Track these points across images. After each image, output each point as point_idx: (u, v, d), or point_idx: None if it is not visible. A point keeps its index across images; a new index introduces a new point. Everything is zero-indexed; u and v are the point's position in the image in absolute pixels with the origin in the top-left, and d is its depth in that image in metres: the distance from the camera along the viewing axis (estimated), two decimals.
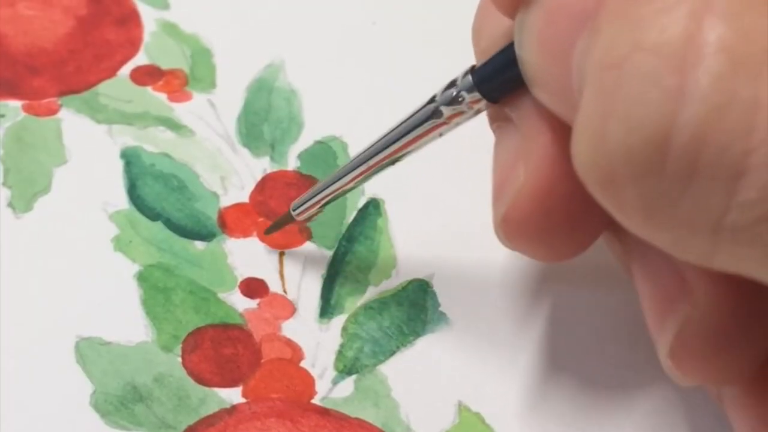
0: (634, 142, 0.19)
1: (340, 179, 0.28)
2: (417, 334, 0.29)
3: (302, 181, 0.32)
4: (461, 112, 0.25)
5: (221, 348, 0.28)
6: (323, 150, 0.32)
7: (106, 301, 0.28)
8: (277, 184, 0.31)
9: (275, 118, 0.33)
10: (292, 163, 0.32)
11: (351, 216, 0.31)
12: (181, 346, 0.28)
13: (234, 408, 0.27)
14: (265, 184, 0.31)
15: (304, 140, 0.33)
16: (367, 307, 0.29)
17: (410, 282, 0.30)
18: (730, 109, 0.18)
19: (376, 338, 0.28)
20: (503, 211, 0.25)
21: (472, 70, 0.25)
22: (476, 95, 0.24)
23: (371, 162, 0.27)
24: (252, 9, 0.36)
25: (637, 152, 0.19)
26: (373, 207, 0.31)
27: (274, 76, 0.34)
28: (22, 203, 0.30)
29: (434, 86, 0.34)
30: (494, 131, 0.26)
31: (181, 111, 0.33)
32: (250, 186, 0.31)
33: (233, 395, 0.27)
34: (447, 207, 0.31)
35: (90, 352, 0.27)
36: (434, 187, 0.32)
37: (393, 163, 0.27)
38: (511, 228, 0.25)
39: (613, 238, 0.25)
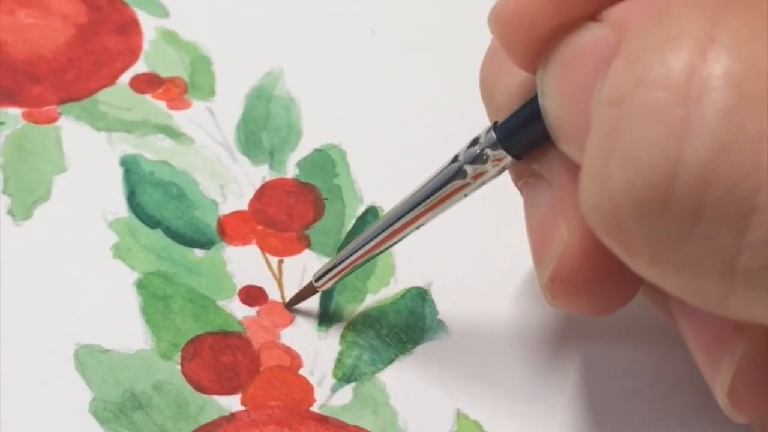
0: (637, 180, 0.18)
1: (362, 247, 0.27)
2: (415, 342, 0.29)
3: (301, 188, 0.32)
4: (485, 171, 0.24)
5: (220, 356, 0.28)
6: (322, 158, 0.33)
7: (106, 309, 0.28)
8: (276, 192, 0.32)
9: (274, 126, 0.33)
10: (291, 171, 0.32)
11: (350, 224, 0.31)
12: (180, 353, 0.28)
13: (233, 416, 0.27)
14: (264, 192, 0.31)
15: (303, 148, 0.33)
16: (366, 315, 0.29)
17: (408, 290, 0.30)
18: (738, 144, 0.17)
19: (374, 346, 0.28)
20: (550, 272, 0.24)
21: (495, 127, 0.24)
22: (501, 152, 0.24)
23: (395, 227, 0.26)
24: (251, 17, 0.36)
25: (641, 191, 0.18)
26: (371, 215, 0.31)
27: (273, 84, 0.34)
28: (21, 211, 0.30)
29: (433, 93, 0.34)
30: (521, 188, 0.25)
31: (180, 119, 0.33)
32: (249, 194, 0.31)
33: (232, 403, 0.27)
34: (445, 215, 0.31)
35: (89, 360, 0.27)
36: None
37: (418, 227, 0.26)
38: (560, 287, 0.24)
39: (650, 287, 0.25)
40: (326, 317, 0.29)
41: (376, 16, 0.37)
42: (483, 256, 0.31)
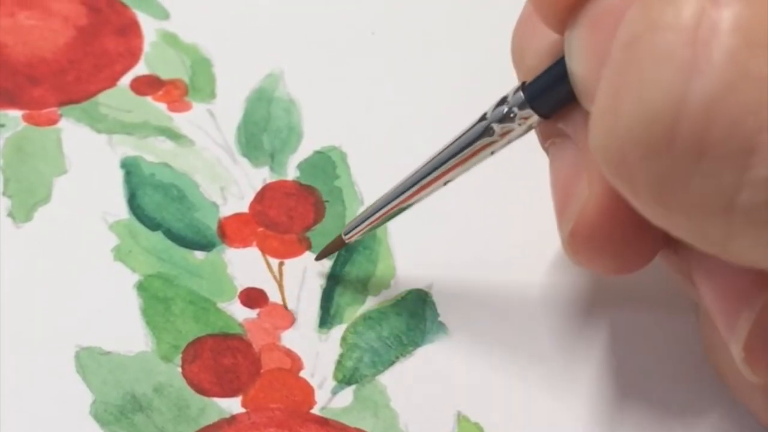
0: (644, 117, 0.19)
1: (391, 201, 0.28)
2: (416, 344, 0.29)
3: (301, 191, 0.32)
4: (512, 129, 0.25)
5: (221, 358, 0.28)
6: (323, 160, 0.33)
7: (106, 311, 0.28)
8: (277, 194, 0.32)
9: (275, 128, 0.33)
10: (291, 173, 0.32)
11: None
12: (180, 355, 0.28)
13: (233, 418, 0.27)
14: (265, 194, 0.31)
15: (304, 150, 0.33)
16: (367, 317, 0.29)
17: (409, 292, 0.30)
18: (742, 85, 0.18)
19: (375, 348, 0.28)
20: (570, 227, 0.24)
21: (523, 87, 0.25)
22: (528, 111, 0.24)
23: (423, 182, 0.27)
24: (251, 19, 0.36)
25: (648, 128, 0.19)
26: None
27: (274, 86, 0.34)
28: (22, 213, 0.30)
29: (434, 95, 0.34)
30: (547, 149, 0.26)
31: (180, 121, 0.33)
32: (250, 196, 0.31)
33: (233, 405, 0.27)
34: (446, 217, 0.31)
35: (90, 362, 0.27)
36: (434, 196, 0.32)
37: (445, 183, 0.27)
38: (580, 243, 0.24)
39: (669, 250, 0.25)
40: (327, 319, 0.29)
41: (376, 18, 0.37)
42: (484, 259, 0.31)
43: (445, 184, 0.27)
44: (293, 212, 0.31)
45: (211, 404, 0.27)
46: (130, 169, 0.32)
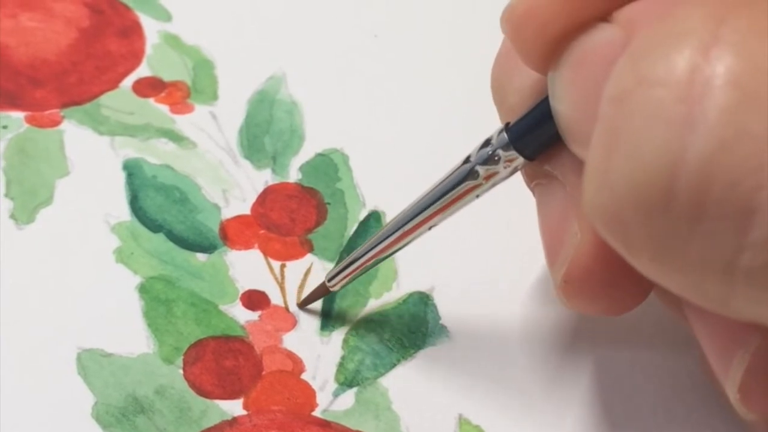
0: (639, 178, 0.18)
1: (374, 248, 0.27)
2: (417, 347, 0.29)
3: (303, 193, 0.32)
4: (496, 172, 0.25)
5: (222, 360, 0.28)
6: (324, 162, 0.33)
7: (108, 313, 0.28)
8: (279, 197, 0.32)
9: (277, 131, 0.33)
10: (293, 176, 0.32)
11: (352, 228, 0.31)
12: (182, 358, 0.28)
13: (235, 420, 0.27)
14: (267, 197, 0.31)
15: (306, 152, 0.33)
16: (368, 320, 0.29)
17: (411, 295, 0.30)
18: (740, 143, 0.17)
19: (376, 351, 0.28)
20: (563, 273, 0.24)
21: (507, 128, 0.24)
22: (513, 153, 0.24)
23: (407, 228, 0.26)
24: (254, 21, 0.36)
25: (643, 189, 0.18)
26: (374, 219, 0.31)
27: (276, 88, 0.34)
28: (24, 215, 0.30)
29: (436, 98, 0.35)
30: (533, 189, 0.26)
31: (183, 123, 0.33)
32: (252, 198, 0.31)
33: (234, 407, 0.27)
34: (448, 220, 0.31)
35: (91, 364, 0.27)
36: None
37: (429, 228, 0.26)
38: (574, 288, 0.24)
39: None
40: (329, 322, 0.29)
41: (378, 21, 0.37)
42: (485, 262, 0.31)
43: (429, 228, 0.26)
44: (295, 214, 0.31)
45: (213, 406, 0.27)
46: (132, 171, 0.32)
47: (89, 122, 0.33)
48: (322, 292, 0.29)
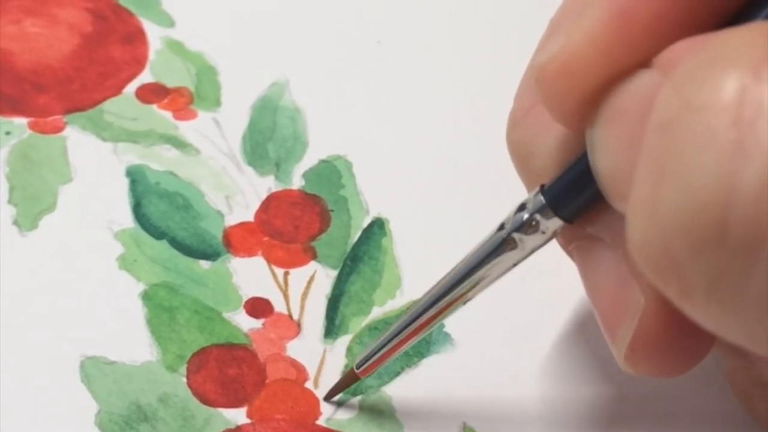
0: (689, 209, 0.17)
1: (406, 328, 0.25)
2: (421, 355, 0.29)
3: (307, 200, 0.32)
4: (534, 238, 0.23)
5: (226, 368, 0.28)
6: (328, 169, 0.32)
7: (111, 320, 0.28)
8: (282, 203, 0.31)
9: (280, 137, 0.33)
10: (296, 182, 0.32)
11: (356, 236, 0.31)
12: (186, 365, 0.28)
13: (239, 428, 0.27)
14: (270, 204, 0.31)
15: (309, 159, 0.33)
16: (372, 328, 0.29)
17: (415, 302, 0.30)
18: None
19: None
20: (629, 341, 0.22)
21: (542, 190, 0.23)
22: (551, 217, 0.23)
23: (441, 305, 0.25)
24: (257, 27, 0.36)
25: (694, 221, 0.17)
26: (377, 227, 0.31)
27: (279, 94, 0.34)
28: (27, 221, 0.30)
29: (439, 104, 0.34)
30: (571, 252, 0.24)
31: (186, 129, 0.33)
32: (255, 205, 0.31)
33: (238, 416, 0.27)
34: (452, 227, 0.31)
35: (95, 372, 0.27)
36: (439, 207, 0.32)
37: (464, 303, 0.25)
38: (641, 355, 0.23)
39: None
40: (332, 330, 0.29)
41: (381, 27, 0.37)
42: None
43: (464, 303, 0.25)
44: (298, 221, 0.31)
45: (216, 415, 0.27)
46: (136, 177, 0.32)
47: (92, 128, 0.33)
48: (350, 380, 0.27)
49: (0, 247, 0.29)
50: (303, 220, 0.31)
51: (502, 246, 0.24)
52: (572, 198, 0.22)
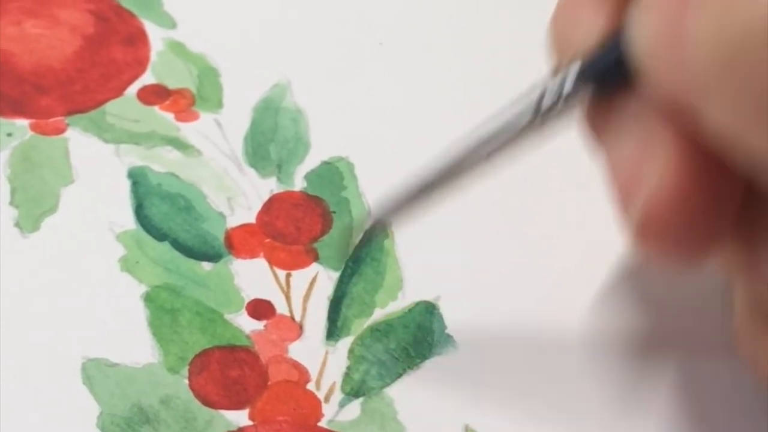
0: None
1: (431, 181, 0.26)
2: (424, 357, 0.29)
3: (309, 201, 0.32)
4: (562, 109, 0.23)
5: (228, 370, 0.28)
6: (330, 171, 0.32)
7: (113, 322, 0.28)
8: (284, 205, 0.31)
9: (282, 139, 0.33)
10: (298, 184, 0.32)
11: (358, 237, 0.31)
12: (187, 367, 0.28)
13: (240, 430, 0.27)
14: (272, 205, 0.31)
15: (311, 161, 0.33)
16: (374, 329, 0.29)
17: (417, 304, 0.30)
18: None
19: (382, 361, 0.28)
20: (643, 210, 0.22)
21: (577, 65, 0.23)
22: (582, 89, 0.23)
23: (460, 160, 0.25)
24: (259, 29, 0.36)
25: None
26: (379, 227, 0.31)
27: (281, 96, 0.34)
28: (29, 223, 0.30)
29: (441, 105, 0.34)
30: (594, 136, 0.24)
31: (187, 131, 0.33)
32: (257, 206, 0.31)
33: (240, 418, 0.27)
34: (454, 229, 0.31)
35: (96, 374, 0.27)
36: (441, 208, 0.32)
37: (488, 155, 0.25)
38: (652, 228, 0.22)
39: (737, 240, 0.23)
40: (334, 331, 0.29)
41: (384, 28, 0.37)
42: (491, 270, 0.30)
43: (488, 156, 0.25)
44: (300, 223, 0.31)
45: (218, 416, 0.27)
46: (137, 179, 0.32)
47: (94, 130, 0.33)
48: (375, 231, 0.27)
49: (1, 248, 0.29)
50: (305, 221, 0.31)
51: (531, 112, 0.24)
52: (608, 69, 0.22)
